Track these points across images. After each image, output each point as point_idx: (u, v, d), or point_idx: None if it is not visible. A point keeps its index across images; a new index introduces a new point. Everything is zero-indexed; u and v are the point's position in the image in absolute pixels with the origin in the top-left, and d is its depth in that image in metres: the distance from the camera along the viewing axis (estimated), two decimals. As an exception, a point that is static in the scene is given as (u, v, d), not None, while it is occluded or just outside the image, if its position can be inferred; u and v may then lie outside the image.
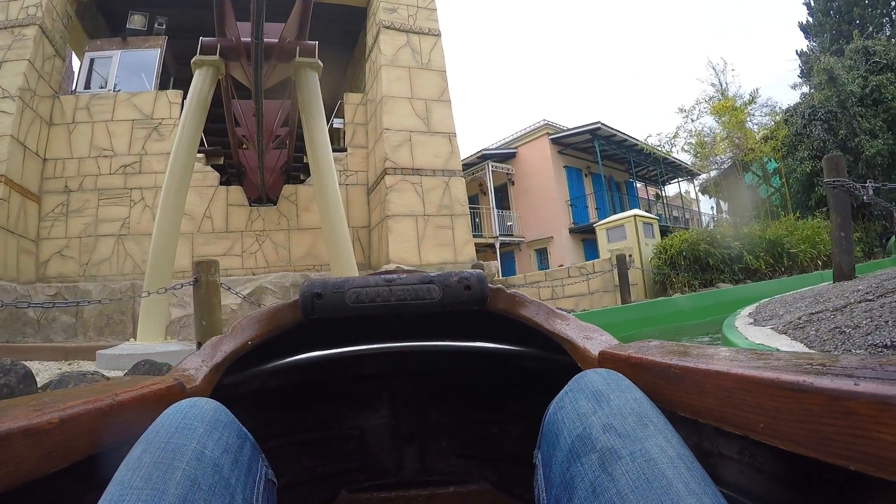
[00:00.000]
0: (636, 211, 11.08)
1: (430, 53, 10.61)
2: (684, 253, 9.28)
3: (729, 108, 12.11)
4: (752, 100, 12.68)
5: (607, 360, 0.73)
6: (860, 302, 2.95)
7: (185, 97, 8.29)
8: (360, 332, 1.09)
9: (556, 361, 0.92)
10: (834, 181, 4.65)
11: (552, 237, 19.04)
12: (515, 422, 1.14)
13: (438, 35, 10.90)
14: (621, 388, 0.57)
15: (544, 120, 19.82)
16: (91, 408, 0.53)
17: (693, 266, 9.18)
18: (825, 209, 11.72)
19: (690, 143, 12.97)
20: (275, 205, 9.89)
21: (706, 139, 13.35)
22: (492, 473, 1.18)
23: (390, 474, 1.20)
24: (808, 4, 28.75)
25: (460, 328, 1.11)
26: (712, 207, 23.15)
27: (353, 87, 12.79)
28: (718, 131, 13.48)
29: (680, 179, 25.33)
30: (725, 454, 0.55)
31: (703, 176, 23.29)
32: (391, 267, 8.26)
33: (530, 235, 19.60)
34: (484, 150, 19.57)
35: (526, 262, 19.64)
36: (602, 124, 17.86)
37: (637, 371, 0.64)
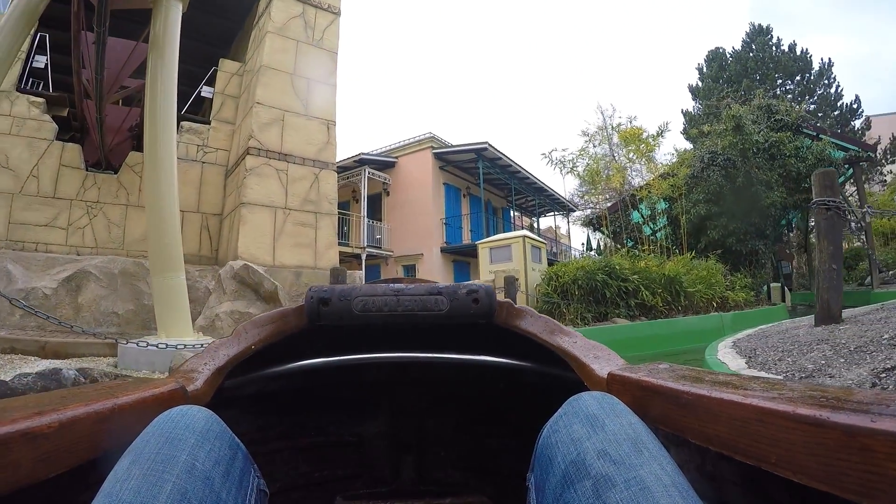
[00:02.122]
0: (525, 232, 10.34)
1: (324, 31, 9.31)
2: (579, 282, 8.49)
3: (636, 137, 11.63)
4: (661, 132, 12.36)
5: (616, 382, 0.73)
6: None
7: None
8: (363, 339, 1.11)
9: (559, 378, 0.92)
10: (828, 201, 3.78)
11: (422, 254, 18.37)
12: (515, 435, 1.12)
13: (337, 14, 9.62)
14: (616, 412, 0.56)
15: (430, 133, 19.18)
16: (91, 411, 0.53)
17: (588, 297, 8.39)
18: (720, 251, 11.67)
19: (587, 170, 12.30)
20: (115, 173, 8.13)
21: (604, 168, 12.78)
22: (489, 486, 1.18)
23: (387, 483, 1.20)
24: (700, 70, 31.36)
25: (464, 339, 1.12)
26: (583, 244, 23.93)
27: (235, 59, 11.12)
28: (617, 161, 13.05)
29: (556, 213, 26.24)
30: (734, 482, 0.55)
31: (578, 213, 24.20)
32: (239, 264, 7.20)
33: (400, 250, 18.80)
34: (363, 154, 18.33)
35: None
36: (489, 145, 17.46)
37: (647, 395, 0.64)
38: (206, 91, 9.74)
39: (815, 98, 28.03)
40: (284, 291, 6.90)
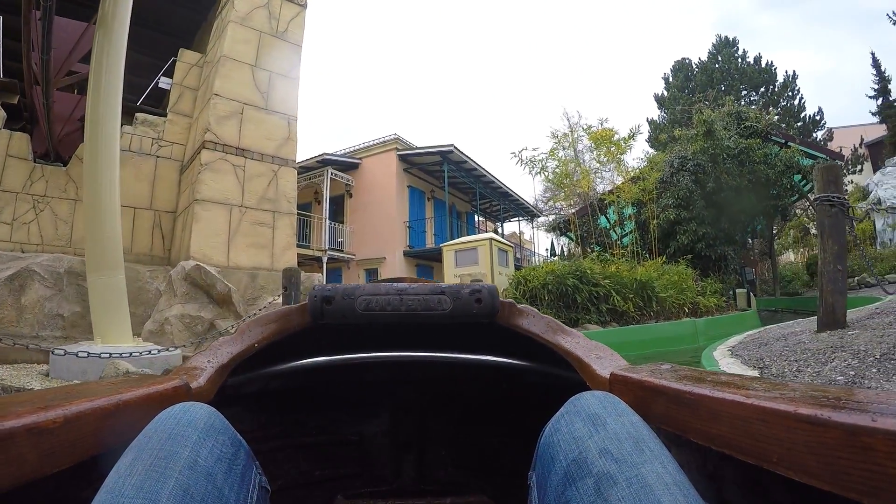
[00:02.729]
0: (492, 235, 10.09)
1: (289, 22, 8.87)
2: (549, 286, 8.23)
3: (607, 139, 11.41)
4: (633, 135, 12.21)
5: (619, 382, 0.73)
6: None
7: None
8: (365, 338, 1.11)
9: (561, 378, 0.92)
10: (831, 197, 3.55)
11: (385, 258, 18.09)
12: (516, 435, 1.11)
13: (304, 6, 9.20)
14: (618, 411, 0.56)
15: (395, 134, 18.87)
16: (96, 407, 0.53)
17: (558, 303, 8.14)
18: (689, 256, 11.59)
19: (556, 172, 12.03)
20: (65, 166, 7.56)
21: (573, 171, 12.56)
22: (489, 485, 1.18)
23: (387, 482, 1.21)
24: (666, 79, 31.93)
25: (466, 338, 1.11)
26: (547, 249, 23.96)
27: (198, 52, 10.64)
28: (584, 165, 12.88)
29: (520, 218, 26.34)
30: (735, 482, 0.55)
31: (542, 219, 24.17)
32: (190, 264, 6.75)
33: (362, 254, 18.45)
34: (326, 154, 17.91)
35: (354, 282, 17.86)
36: (455, 148, 17.27)
37: (650, 395, 0.64)
38: (164, 82, 9.20)
39: (780, 109, 28.59)
40: (238, 294, 6.49)
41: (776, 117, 15.09)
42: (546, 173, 11.92)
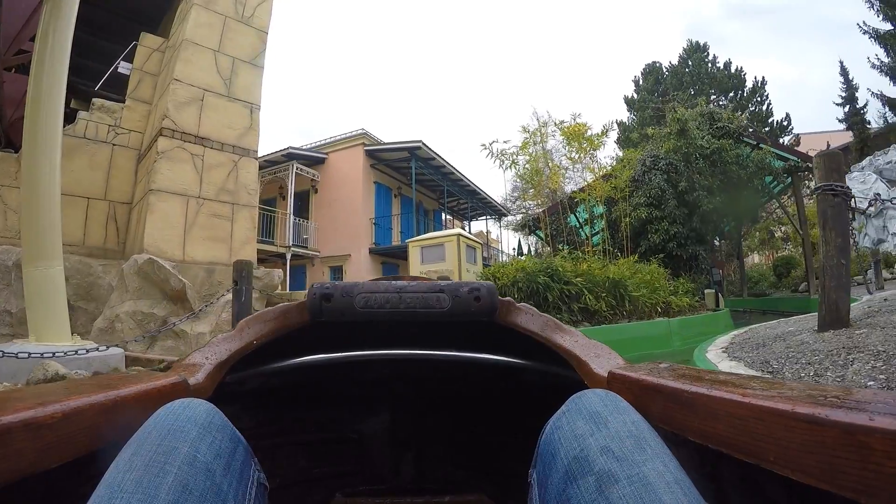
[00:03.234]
0: (460, 230, 9.87)
1: (255, 7, 8.49)
2: (519, 284, 8.03)
3: (580, 135, 11.19)
4: (606, 132, 12.06)
5: (616, 380, 0.73)
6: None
7: None
8: (364, 335, 1.11)
9: (560, 377, 0.93)
10: (835, 186, 3.36)
11: (350, 255, 17.81)
12: (515, 434, 1.13)
13: (272, -10, 8.80)
14: (619, 410, 0.56)
15: (363, 129, 18.59)
16: (94, 402, 0.53)
17: (528, 301, 7.90)
18: (661, 256, 11.54)
19: (526, 168, 11.72)
20: (16, 152, 7.03)
21: (544, 167, 12.31)
22: (488, 484, 1.18)
23: (386, 480, 1.21)
24: (636, 82, 32.30)
25: (465, 337, 1.12)
26: (514, 248, 23.97)
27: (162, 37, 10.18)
28: (555, 162, 12.63)
29: (488, 217, 26.34)
30: (732, 481, 0.55)
31: (510, 218, 24.08)
32: (143, 258, 6.37)
33: (327, 250, 18.10)
34: (291, 148, 17.50)
35: (318, 280, 17.58)
36: (423, 144, 17.07)
37: (648, 394, 0.64)
38: (123, 67, 8.76)
39: (748, 114, 29.08)
40: (194, 290, 6.13)
41: (744, 122, 15.24)
42: (517, 167, 11.58)
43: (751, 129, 15.36)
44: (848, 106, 25.90)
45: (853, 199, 3.48)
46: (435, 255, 9.10)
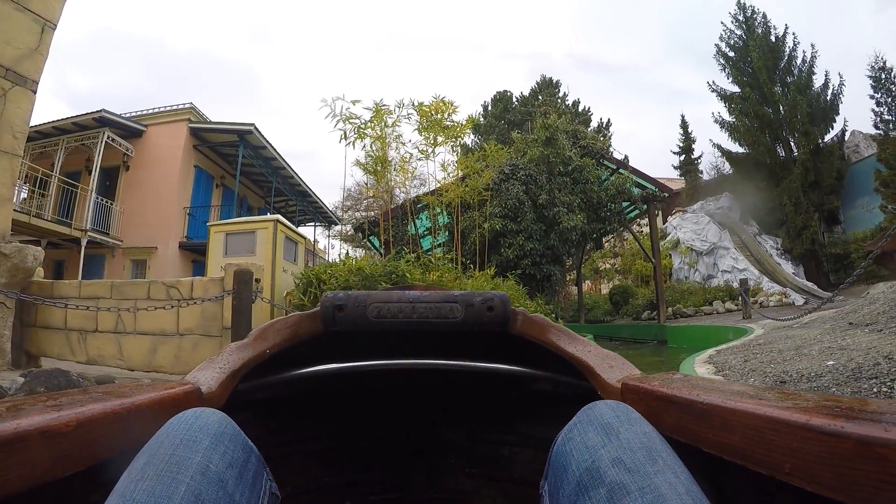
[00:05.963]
0: (279, 217, 7.79)
1: None
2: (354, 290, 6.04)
3: (438, 125, 9.24)
4: (473, 122, 10.39)
5: (630, 391, 0.72)
6: None
7: None
8: (376, 345, 1.08)
9: (572, 386, 0.92)
10: None
11: (157, 248, 14.99)
12: (527, 444, 1.12)
13: None
14: (631, 421, 0.55)
15: (191, 103, 15.97)
16: (108, 410, 0.52)
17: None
18: (518, 272, 10.41)
19: (373, 150, 9.19)
20: None
21: (392, 159, 9.98)
22: (500, 494, 1.16)
23: (397, 488, 1.19)
24: (485, 107, 32.42)
25: (477, 346, 1.10)
26: (339, 256, 22.73)
27: None
28: (411, 153, 10.32)
29: (317, 224, 24.79)
30: (744, 492, 0.54)
31: (339, 228, 22.37)
32: None
33: (131, 240, 15.03)
34: (105, 112, 14.09)
35: (119, 274, 14.70)
36: (255, 129, 15.00)
37: (662, 404, 0.62)
38: None
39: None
40: None
41: (608, 145, 15.17)
42: (363, 141, 9.04)
43: (612, 153, 15.23)
44: (684, 155, 28.80)
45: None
46: (243, 244, 7.04)
